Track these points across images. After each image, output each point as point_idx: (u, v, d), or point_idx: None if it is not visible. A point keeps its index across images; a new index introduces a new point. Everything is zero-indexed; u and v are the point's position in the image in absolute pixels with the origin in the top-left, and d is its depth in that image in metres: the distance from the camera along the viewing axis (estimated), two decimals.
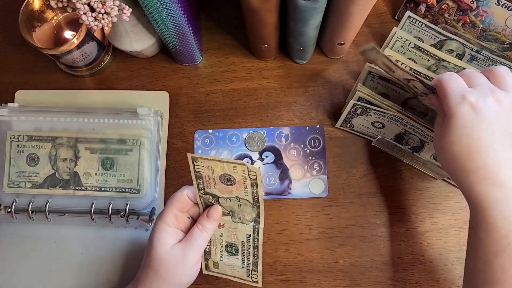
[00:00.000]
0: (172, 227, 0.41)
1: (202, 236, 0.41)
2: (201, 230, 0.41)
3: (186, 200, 0.42)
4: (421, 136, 0.49)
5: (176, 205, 0.41)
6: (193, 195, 0.42)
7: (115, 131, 0.52)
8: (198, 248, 0.41)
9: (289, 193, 0.54)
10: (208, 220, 0.41)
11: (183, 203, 0.42)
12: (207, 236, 0.42)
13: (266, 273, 0.52)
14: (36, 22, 0.52)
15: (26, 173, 0.52)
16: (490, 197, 0.35)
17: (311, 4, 0.42)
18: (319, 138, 0.55)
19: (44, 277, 0.52)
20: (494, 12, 0.48)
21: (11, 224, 0.53)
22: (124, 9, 0.43)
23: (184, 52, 0.54)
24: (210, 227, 0.42)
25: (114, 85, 0.58)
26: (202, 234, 0.41)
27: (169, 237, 0.41)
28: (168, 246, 0.40)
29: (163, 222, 0.41)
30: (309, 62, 0.58)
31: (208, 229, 0.41)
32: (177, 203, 0.41)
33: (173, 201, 0.41)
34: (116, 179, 0.52)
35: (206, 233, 0.41)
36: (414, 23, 0.53)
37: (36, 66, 0.59)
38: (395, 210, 0.53)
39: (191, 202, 0.42)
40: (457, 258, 0.51)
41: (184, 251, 0.40)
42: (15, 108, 0.53)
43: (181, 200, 0.41)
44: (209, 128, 0.56)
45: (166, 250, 0.40)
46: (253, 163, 0.55)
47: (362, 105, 0.48)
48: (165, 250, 0.40)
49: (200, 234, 0.41)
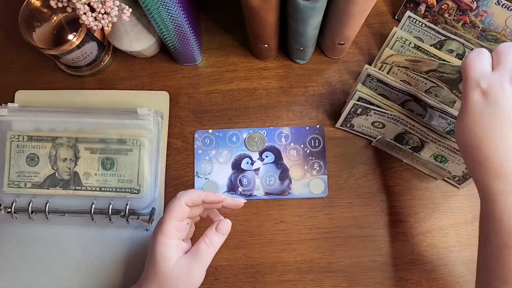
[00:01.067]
0: (174, 238, 0.40)
1: (209, 252, 0.40)
2: (208, 246, 0.40)
3: (184, 208, 0.40)
4: (421, 136, 0.49)
5: (175, 215, 0.40)
6: (190, 201, 0.40)
7: (115, 131, 0.52)
8: (204, 263, 0.40)
9: (289, 193, 0.54)
10: (216, 234, 0.40)
11: (181, 212, 0.40)
12: (214, 251, 0.40)
13: (266, 273, 0.52)
14: (36, 22, 0.52)
15: (26, 173, 0.52)
16: (496, 190, 0.34)
17: (311, 4, 0.42)
18: (319, 138, 0.55)
19: (44, 277, 0.52)
20: (494, 12, 0.48)
21: (11, 224, 0.53)
22: (124, 9, 0.43)
23: (184, 52, 0.54)
24: (218, 241, 0.40)
25: (114, 85, 0.58)
26: (209, 250, 0.40)
27: (172, 251, 0.39)
28: (173, 260, 0.39)
29: (165, 236, 0.39)
30: (309, 62, 0.58)
31: (215, 244, 0.40)
32: (176, 213, 0.40)
33: (172, 211, 0.40)
34: (116, 179, 0.52)
35: (213, 248, 0.40)
36: (414, 23, 0.53)
37: (36, 66, 0.59)
38: (395, 210, 0.53)
39: (189, 208, 0.41)
40: (457, 258, 0.51)
41: (190, 266, 0.39)
42: (15, 108, 0.53)
43: (179, 209, 0.40)
44: (209, 128, 0.56)
45: (171, 265, 0.39)
46: (253, 163, 0.55)
47: (362, 105, 0.48)
48: (170, 265, 0.39)
49: (207, 249, 0.40)
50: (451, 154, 0.49)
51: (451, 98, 0.50)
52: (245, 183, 0.54)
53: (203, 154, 0.55)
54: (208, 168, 0.55)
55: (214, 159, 0.55)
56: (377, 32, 0.58)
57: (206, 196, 0.41)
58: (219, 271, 0.52)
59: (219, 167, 0.55)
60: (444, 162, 0.50)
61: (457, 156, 0.48)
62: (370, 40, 0.58)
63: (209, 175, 0.55)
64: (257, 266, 0.52)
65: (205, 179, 0.54)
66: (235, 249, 0.53)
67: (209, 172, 0.55)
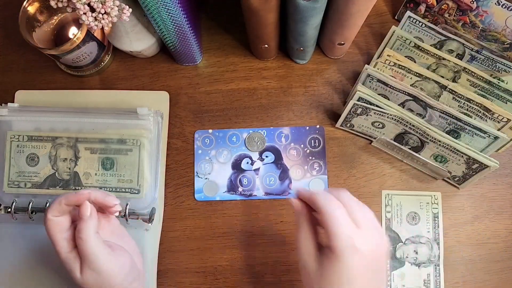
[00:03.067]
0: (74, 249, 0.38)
1: (87, 243, 0.37)
2: (81, 239, 0.37)
3: (56, 220, 0.38)
4: (421, 136, 0.49)
5: (57, 231, 0.38)
6: (56, 212, 0.38)
7: (115, 131, 0.52)
8: (93, 257, 0.37)
9: (289, 193, 0.54)
10: (80, 222, 0.38)
11: (59, 225, 0.38)
12: (91, 237, 0.37)
13: (266, 273, 0.52)
14: (36, 22, 0.52)
15: (26, 173, 0.52)
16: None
17: (311, 4, 0.42)
18: (319, 138, 0.55)
19: (44, 277, 0.52)
20: (494, 12, 0.48)
21: (11, 224, 0.53)
22: (124, 9, 0.43)
23: (184, 52, 0.54)
24: (83, 227, 0.37)
25: (114, 85, 0.58)
26: (84, 242, 0.37)
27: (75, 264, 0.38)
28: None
29: (63, 253, 0.38)
30: (309, 62, 0.58)
31: (84, 232, 0.37)
32: (55, 231, 0.38)
33: (51, 232, 0.38)
34: (116, 179, 0.52)
35: (85, 237, 0.37)
36: (414, 23, 0.53)
37: (36, 66, 0.59)
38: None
39: (61, 217, 0.39)
40: (457, 258, 0.51)
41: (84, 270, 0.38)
42: (15, 108, 0.53)
43: (54, 225, 0.38)
44: (209, 128, 0.56)
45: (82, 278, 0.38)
46: (253, 163, 0.55)
47: (362, 105, 0.48)
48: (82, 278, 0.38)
49: (83, 243, 0.37)
50: (451, 154, 0.49)
51: (436, 92, 0.50)
52: (245, 183, 0.54)
53: (203, 154, 0.55)
54: (208, 168, 0.55)
55: (214, 159, 0.55)
56: (377, 32, 0.58)
57: (66, 198, 0.38)
58: (219, 271, 0.52)
59: (219, 167, 0.55)
60: (444, 162, 0.50)
61: (457, 156, 0.48)
62: (370, 40, 0.58)
63: (209, 175, 0.55)
64: (257, 266, 0.52)
65: (205, 179, 0.54)
66: (235, 249, 0.53)
67: (209, 172, 0.55)
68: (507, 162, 0.53)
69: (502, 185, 0.53)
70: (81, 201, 0.38)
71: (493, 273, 0.51)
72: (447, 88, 0.49)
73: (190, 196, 0.54)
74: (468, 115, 0.49)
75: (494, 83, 0.50)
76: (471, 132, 0.48)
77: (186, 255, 0.53)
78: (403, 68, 0.50)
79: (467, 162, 0.48)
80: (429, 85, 0.49)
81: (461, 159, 0.48)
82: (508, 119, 0.47)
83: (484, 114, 0.48)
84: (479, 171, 0.48)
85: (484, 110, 0.48)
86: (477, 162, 0.47)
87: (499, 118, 0.48)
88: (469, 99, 0.48)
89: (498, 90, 0.50)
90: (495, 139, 0.47)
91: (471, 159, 0.47)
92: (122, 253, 0.40)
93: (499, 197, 0.53)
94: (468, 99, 0.48)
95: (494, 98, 0.50)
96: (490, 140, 0.48)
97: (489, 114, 0.48)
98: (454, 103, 0.50)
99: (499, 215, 0.52)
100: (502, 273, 0.51)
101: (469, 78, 0.50)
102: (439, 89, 0.49)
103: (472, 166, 0.48)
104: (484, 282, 0.50)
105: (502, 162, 0.52)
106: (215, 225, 0.53)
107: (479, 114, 0.49)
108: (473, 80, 0.50)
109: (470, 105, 0.49)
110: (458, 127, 0.48)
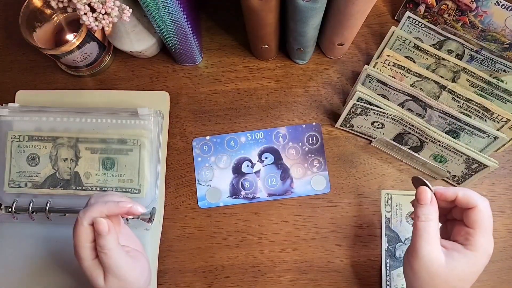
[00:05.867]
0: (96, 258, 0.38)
1: (111, 257, 0.37)
2: (103, 252, 0.37)
3: (87, 230, 0.38)
4: (421, 136, 0.49)
5: (82, 240, 0.38)
6: (91, 220, 0.38)
7: (115, 131, 0.52)
8: (117, 269, 0.38)
9: (291, 192, 0.54)
10: (99, 238, 0.37)
11: (86, 235, 0.38)
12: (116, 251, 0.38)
13: (266, 273, 0.52)
14: (36, 22, 0.52)
15: (26, 173, 0.52)
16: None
17: (311, 5, 0.42)
18: (316, 135, 0.55)
19: (44, 277, 0.52)
20: (493, 13, 0.48)
21: (11, 224, 0.53)
22: (125, 9, 0.44)
23: (184, 52, 0.54)
24: (103, 243, 0.37)
25: (115, 85, 0.58)
26: (107, 256, 0.37)
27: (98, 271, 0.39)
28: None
29: (86, 261, 0.38)
30: (309, 62, 0.58)
31: (108, 248, 0.37)
32: (82, 239, 0.38)
33: (78, 237, 0.38)
34: (117, 179, 0.52)
35: (108, 252, 0.37)
36: (413, 24, 0.53)
37: (36, 66, 0.59)
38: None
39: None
40: None
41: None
42: (15, 108, 0.53)
43: (84, 233, 0.38)
44: (209, 129, 0.56)
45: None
46: (254, 166, 0.55)
47: (362, 105, 0.48)
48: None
49: (106, 258, 0.37)
50: (450, 154, 0.49)
51: (436, 92, 0.50)
52: (247, 186, 0.54)
53: (202, 161, 0.55)
54: (209, 175, 0.55)
55: (214, 165, 0.55)
56: (376, 33, 0.58)
57: (108, 208, 0.38)
58: (219, 271, 0.52)
59: (219, 173, 0.55)
60: (443, 162, 0.50)
61: (456, 156, 0.48)
62: (370, 41, 0.58)
63: (210, 182, 0.55)
64: (257, 265, 0.52)
65: (207, 186, 0.54)
66: (235, 249, 0.53)
67: (210, 179, 0.55)
68: (507, 162, 0.54)
69: (501, 185, 0.53)
70: (123, 212, 0.39)
71: (492, 273, 0.51)
72: (447, 88, 0.49)
73: (190, 196, 0.54)
74: (468, 115, 0.49)
75: (493, 83, 0.50)
76: (470, 132, 0.48)
77: (186, 254, 0.53)
78: (402, 68, 0.50)
79: (466, 162, 0.48)
80: (428, 85, 0.50)
81: (460, 159, 0.48)
82: (507, 119, 0.47)
83: (484, 114, 0.49)
84: (479, 171, 0.48)
85: (484, 110, 0.48)
86: (476, 162, 0.47)
87: (498, 118, 0.48)
88: (468, 99, 0.49)
89: (498, 90, 0.50)
90: (495, 139, 0.47)
91: (470, 159, 0.47)
92: (140, 258, 0.42)
93: (498, 197, 0.53)
94: (468, 99, 0.49)
95: (493, 98, 0.50)
96: (489, 140, 0.48)
97: (488, 114, 0.48)
98: (454, 103, 0.50)
99: (498, 215, 0.52)
100: (501, 273, 0.51)
101: (469, 78, 0.51)
102: (438, 89, 0.49)
103: (471, 166, 0.48)
104: (483, 282, 0.51)
105: (502, 162, 0.52)
106: (215, 225, 0.53)
107: (478, 114, 0.49)
108: (472, 80, 0.50)
109: (469, 105, 0.49)
110: (458, 127, 0.48)
